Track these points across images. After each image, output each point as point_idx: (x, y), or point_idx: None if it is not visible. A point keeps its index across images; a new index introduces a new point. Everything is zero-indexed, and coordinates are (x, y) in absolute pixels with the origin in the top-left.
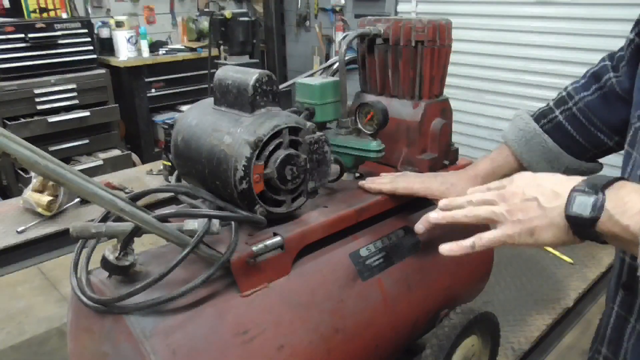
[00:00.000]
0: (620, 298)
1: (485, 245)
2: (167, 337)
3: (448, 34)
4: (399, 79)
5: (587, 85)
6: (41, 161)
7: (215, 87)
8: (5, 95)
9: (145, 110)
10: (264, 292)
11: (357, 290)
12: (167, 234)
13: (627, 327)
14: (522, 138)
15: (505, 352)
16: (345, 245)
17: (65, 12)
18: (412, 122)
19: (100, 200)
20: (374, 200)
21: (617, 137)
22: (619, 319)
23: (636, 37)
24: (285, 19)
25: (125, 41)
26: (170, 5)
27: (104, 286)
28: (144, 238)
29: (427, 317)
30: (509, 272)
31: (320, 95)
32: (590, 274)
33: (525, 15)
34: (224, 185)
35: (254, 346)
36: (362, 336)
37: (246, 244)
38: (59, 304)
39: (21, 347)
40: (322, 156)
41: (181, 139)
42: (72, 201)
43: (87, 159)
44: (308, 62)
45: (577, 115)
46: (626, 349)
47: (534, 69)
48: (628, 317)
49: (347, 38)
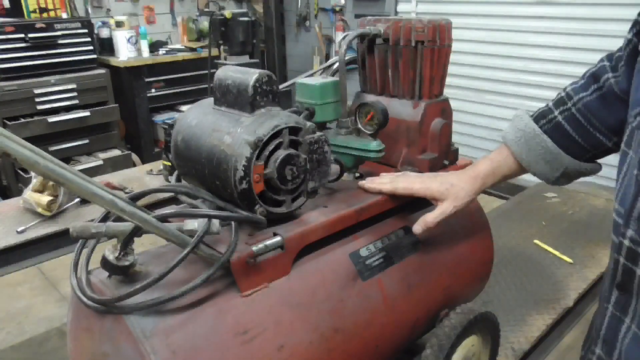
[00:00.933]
0: (615, 298)
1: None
2: (167, 337)
3: (448, 34)
4: (399, 79)
5: (586, 85)
6: (41, 161)
7: (215, 87)
8: (5, 95)
9: (145, 110)
10: (264, 292)
11: (357, 290)
12: (167, 234)
13: (621, 327)
14: (522, 138)
15: (505, 352)
16: (345, 245)
17: (65, 12)
18: (412, 122)
19: (100, 200)
20: (374, 200)
21: (616, 138)
22: (614, 319)
23: (634, 37)
24: (285, 19)
25: (125, 41)
26: (170, 5)
27: (104, 286)
28: (144, 238)
29: (427, 317)
30: (509, 272)
31: (320, 95)
32: (590, 274)
33: (525, 15)
34: (224, 185)
35: (254, 346)
36: (362, 336)
37: (246, 244)
38: (59, 304)
39: (21, 347)
40: (322, 156)
41: (181, 139)
42: (72, 201)
43: (87, 159)
44: (308, 62)
45: (576, 115)
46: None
47: (534, 69)
48: (622, 317)
49: (347, 38)
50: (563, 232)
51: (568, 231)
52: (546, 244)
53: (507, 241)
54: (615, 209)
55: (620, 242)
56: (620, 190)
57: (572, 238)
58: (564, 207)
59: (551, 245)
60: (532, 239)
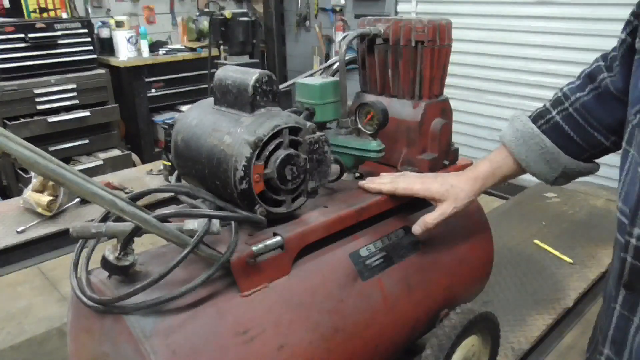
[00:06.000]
0: (623, 298)
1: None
2: (167, 337)
3: (448, 34)
4: (399, 79)
5: (583, 85)
6: (41, 161)
7: (215, 87)
8: (5, 95)
9: (145, 110)
10: (264, 292)
11: (357, 290)
12: (167, 234)
13: (630, 326)
14: (520, 139)
15: (505, 352)
16: (345, 245)
17: (65, 12)
18: (412, 122)
19: (100, 200)
20: (374, 200)
21: (614, 137)
22: (622, 319)
23: (628, 37)
24: (285, 19)
25: (125, 41)
26: (170, 5)
27: (104, 286)
28: (144, 238)
29: (427, 317)
30: (509, 272)
31: (320, 95)
32: (590, 274)
33: (525, 15)
34: (224, 185)
35: (254, 346)
36: (362, 336)
37: (246, 244)
38: (59, 304)
39: (21, 347)
40: (322, 156)
41: (181, 139)
42: (72, 201)
43: (87, 159)
44: (308, 62)
45: (574, 115)
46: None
47: (534, 69)
48: (631, 316)
49: (347, 38)
50: (563, 232)
51: (568, 231)
52: (546, 244)
53: (507, 241)
54: (619, 208)
55: (627, 241)
56: (624, 189)
57: (572, 238)
58: (564, 207)
59: (551, 245)
60: (532, 239)
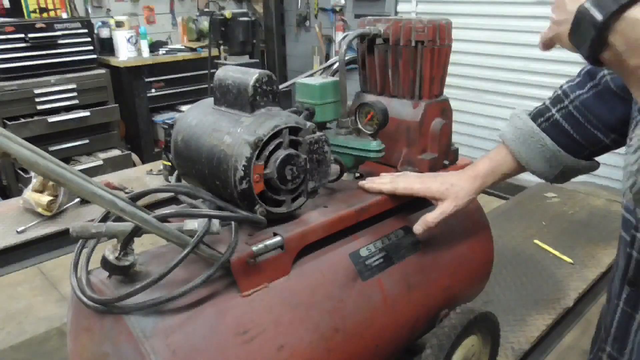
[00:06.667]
0: (626, 295)
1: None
2: (167, 337)
3: (448, 34)
4: (399, 79)
5: (582, 83)
6: (41, 161)
7: (215, 87)
8: (5, 95)
9: (145, 110)
10: (264, 292)
11: (357, 290)
12: (167, 234)
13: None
14: (520, 137)
15: (505, 352)
16: (345, 245)
17: (65, 12)
18: (412, 122)
19: (100, 200)
20: (374, 200)
21: (614, 135)
22: (625, 316)
23: None
24: (285, 19)
25: (125, 41)
26: (170, 5)
27: (104, 286)
28: (144, 238)
29: (427, 317)
30: (509, 272)
31: (320, 95)
32: (590, 274)
33: (525, 15)
34: (224, 185)
35: (254, 346)
36: (362, 336)
37: (246, 244)
38: (59, 304)
39: (21, 347)
40: (322, 156)
41: (181, 139)
42: (72, 201)
43: (87, 159)
44: (308, 62)
45: (574, 113)
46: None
47: (534, 69)
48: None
49: (347, 38)
50: (563, 232)
51: (568, 231)
52: (546, 244)
53: (507, 241)
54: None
55: (633, 236)
56: None
57: (572, 238)
58: (564, 207)
59: (551, 245)
60: (532, 239)
